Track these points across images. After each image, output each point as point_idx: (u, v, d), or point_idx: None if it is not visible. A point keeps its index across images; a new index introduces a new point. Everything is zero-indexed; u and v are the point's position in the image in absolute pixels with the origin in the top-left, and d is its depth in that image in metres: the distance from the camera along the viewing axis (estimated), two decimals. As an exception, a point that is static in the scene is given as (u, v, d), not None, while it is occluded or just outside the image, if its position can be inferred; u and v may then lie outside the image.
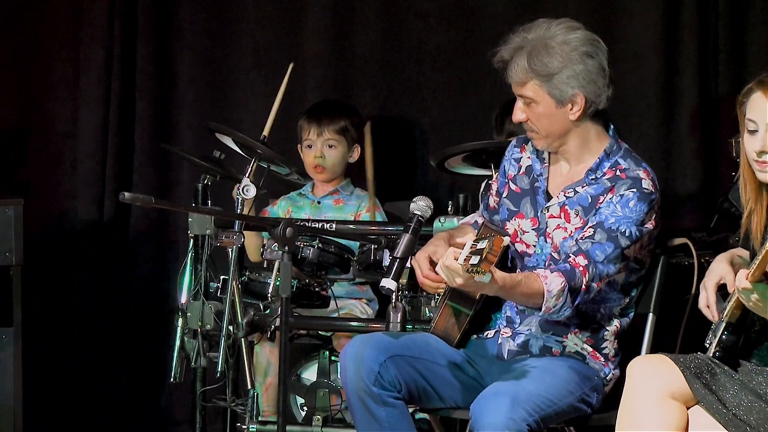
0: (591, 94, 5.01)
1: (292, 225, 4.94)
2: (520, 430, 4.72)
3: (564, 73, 4.98)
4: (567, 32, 5.01)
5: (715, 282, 4.59)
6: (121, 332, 7.35)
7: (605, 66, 5.02)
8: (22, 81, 7.48)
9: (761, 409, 4.50)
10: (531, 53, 4.98)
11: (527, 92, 5.03)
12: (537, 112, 5.05)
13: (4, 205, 6.31)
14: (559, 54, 4.97)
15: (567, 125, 5.06)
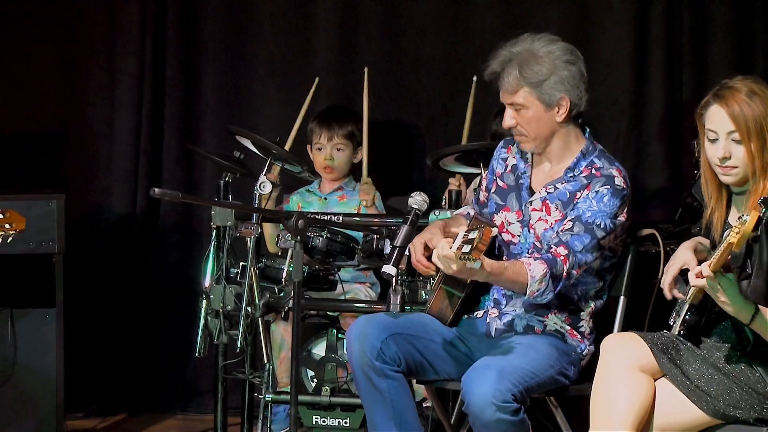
0: (574, 97, 5.03)
1: (303, 217, 4.96)
2: (506, 399, 4.73)
3: (552, 79, 5.00)
4: (549, 44, 5.03)
5: (678, 267, 4.60)
6: (152, 312, 7.36)
7: (584, 72, 5.05)
8: (63, 89, 7.48)
9: (720, 381, 4.51)
10: (521, 64, 5.00)
11: (518, 99, 5.04)
12: (527, 117, 5.05)
13: (47, 199, 6.30)
14: (547, 62, 4.99)
15: (554, 127, 5.07)
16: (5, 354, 6.32)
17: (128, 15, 7.35)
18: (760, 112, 4.47)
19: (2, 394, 6.30)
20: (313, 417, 5.84)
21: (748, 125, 4.47)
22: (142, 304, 7.34)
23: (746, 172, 4.51)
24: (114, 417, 7.21)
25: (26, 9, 7.38)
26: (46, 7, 7.40)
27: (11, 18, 7.38)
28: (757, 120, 4.47)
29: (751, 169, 4.49)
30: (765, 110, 4.47)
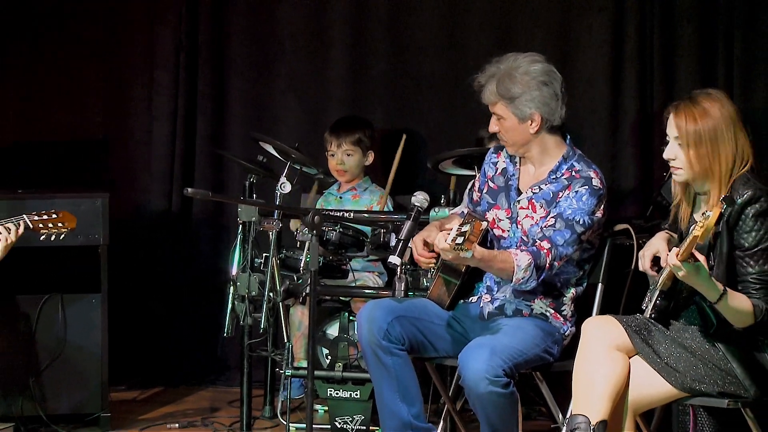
0: (546, 114, 5.03)
1: (319, 213, 4.95)
2: (497, 374, 4.73)
3: (524, 97, 5.01)
4: (529, 64, 5.03)
5: (652, 252, 4.60)
6: (185, 297, 7.34)
7: (558, 92, 5.04)
8: (108, 100, 7.47)
9: (687, 359, 4.51)
10: (499, 80, 5.02)
11: (497, 110, 5.07)
12: (505, 126, 5.07)
13: (94, 198, 6.29)
14: (520, 82, 5.00)
15: (528, 137, 5.07)
16: (56, 334, 6.31)
17: (164, 36, 7.34)
18: (703, 127, 4.47)
19: (54, 369, 6.30)
20: (327, 389, 5.82)
21: (688, 136, 4.49)
22: (176, 289, 7.34)
23: (689, 174, 4.52)
24: (152, 389, 7.20)
25: (76, 31, 7.38)
26: (93, 30, 7.39)
27: (63, 38, 7.37)
28: (697, 133, 4.47)
29: (691, 173, 4.51)
30: (711, 125, 4.47)
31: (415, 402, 5.06)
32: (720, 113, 4.48)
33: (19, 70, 7.41)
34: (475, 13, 7.00)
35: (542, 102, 5.02)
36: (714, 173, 4.48)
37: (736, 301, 4.38)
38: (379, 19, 7.15)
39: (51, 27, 7.37)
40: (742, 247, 4.44)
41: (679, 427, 5.37)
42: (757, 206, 4.42)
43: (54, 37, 7.37)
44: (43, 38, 7.38)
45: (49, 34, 7.38)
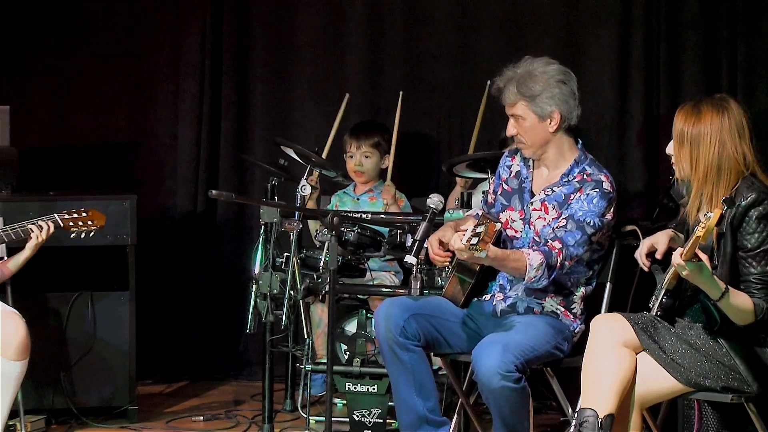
0: (565, 112, 5.02)
1: (337, 215, 4.96)
2: (510, 370, 4.73)
3: (544, 94, 5.01)
4: (545, 65, 5.05)
5: (651, 242, 4.62)
6: (210, 295, 7.35)
7: (575, 91, 5.05)
8: (135, 106, 7.49)
9: (692, 355, 4.51)
10: (519, 81, 5.02)
11: (517, 111, 5.05)
12: (524, 126, 5.06)
13: (122, 199, 6.30)
14: (540, 81, 5.00)
15: (547, 136, 5.06)
16: (86, 330, 6.33)
17: (190, 44, 7.36)
18: (688, 130, 4.49)
19: (84, 363, 6.32)
20: (346, 384, 5.82)
21: (675, 134, 4.52)
22: (201, 288, 7.35)
23: (678, 171, 4.56)
24: (177, 383, 7.22)
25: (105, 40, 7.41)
26: (121, 38, 7.42)
27: (92, 47, 7.39)
28: (682, 133, 4.50)
29: (678, 168, 4.53)
30: (696, 130, 4.48)
31: (430, 396, 5.06)
32: (711, 120, 4.47)
33: (51, 78, 7.43)
34: (486, 22, 7.00)
35: (561, 99, 5.02)
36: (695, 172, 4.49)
37: (738, 300, 4.37)
38: (394, 27, 7.16)
39: (81, 36, 7.40)
40: (745, 248, 4.44)
41: (684, 421, 5.36)
42: (761, 209, 4.41)
43: (84, 45, 7.40)
44: (73, 46, 7.40)
45: (79, 42, 7.40)
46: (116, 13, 7.40)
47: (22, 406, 5.60)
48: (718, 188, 4.46)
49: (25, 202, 6.10)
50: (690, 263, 4.22)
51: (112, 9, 7.40)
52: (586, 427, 4.41)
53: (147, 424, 6.31)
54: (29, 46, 7.39)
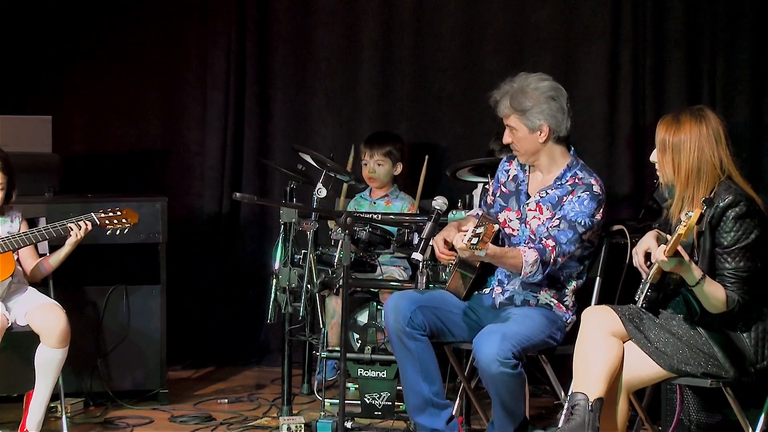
0: (553, 125, 5.03)
1: (350, 215, 4.96)
2: (507, 357, 4.74)
3: (534, 109, 5.01)
4: (538, 82, 5.04)
5: (644, 248, 4.58)
6: (234, 288, 7.36)
7: (564, 106, 5.04)
8: (166, 117, 7.50)
9: (674, 343, 4.51)
10: (512, 96, 5.03)
11: (511, 122, 5.06)
12: (517, 136, 5.07)
13: (154, 201, 6.32)
14: (532, 97, 5.01)
15: (537, 146, 5.07)
16: (121, 320, 6.35)
17: (217, 59, 7.37)
18: (670, 138, 4.49)
19: (119, 351, 6.34)
20: (358, 369, 5.81)
21: (658, 142, 4.52)
22: (226, 282, 7.36)
23: (662, 176, 4.55)
24: (204, 369, 7.22)
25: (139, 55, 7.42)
26: (154, 54, 7.43)
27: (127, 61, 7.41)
28: (664, 141, 4.50)
29: (661, 174, 4.54)
30: (677, 139, 4.48)
31: (435, 381, 5.07)
32: (690, 129, 4.47)
33: (90, 90, 7.45)
34: (489, 39, 7.00)
35: (550, 114, 5.03)
36: (677, 176, 4.49)
37: (712, 288, 4.38)
38: (404, 44, 7.15)
39: (116, 51, 7.41)
40: (722, 245, 4.44)
41: (667, 404, 5.36)
42: (737, 209, 4.42)
43: (120, 60, 7.41)
44: (110, 62, 7.41)
45: (116, 58, 7.41)
46: (149, 31, 7.41)
47: (62, 389, 5.61)
48: (699, 190, 4.47)
49: (65, 204, 6.12)
50: (672, 259, 4.23)
51: (146, 28, 7.41)
52: (577, 409, 4.41)
53: (176, 405, 6.32)
54: (70, 61, 7.40)
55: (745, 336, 4.50)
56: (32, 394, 5.48)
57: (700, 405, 5.24)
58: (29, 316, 5.45)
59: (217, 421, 6.01)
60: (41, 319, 5.42)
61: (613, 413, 4.54)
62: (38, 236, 5.52)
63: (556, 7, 6.86)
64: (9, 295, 5.53)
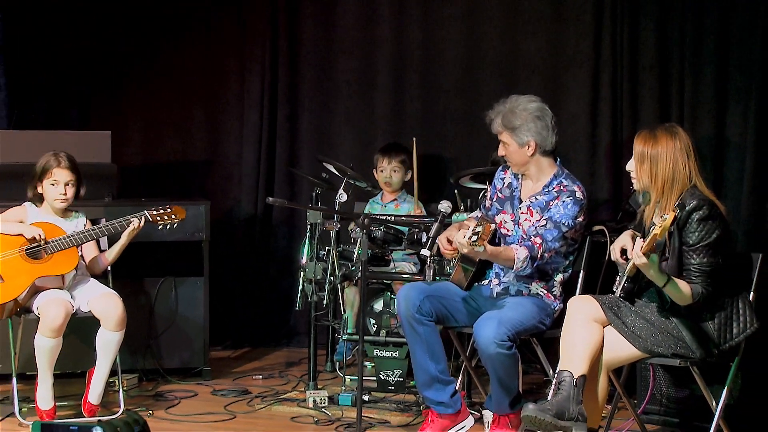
0: (539, 141, 5.02)
1: (368, 217, 4.95)
2: (503, 339, 4.73)
3: (523, 127, 5.01)
4: (527, 103, 5.04)
5: (620, 245, 4.56)
6: (266, 280, 7.34)
7: (549, 124, 5.03)
8: (209, 131, 7.49)
9: (648, 328, 4.50)
10: (504, 115, 5.03)
11: (503, 138, 5.07)
12: (509, 150, 5.07)
13: (198, 204, 6.32)
14: (521, 116, 5.01)
15: (526, 159, 5.05)
16: (170, 307, 6.35)
17: (253, 83, 7.36)
18: (648, 150, 4.47)
19: (168, 334, 6.34)
20: (374, 350, 5.82)
21: (637, 154, 4.50)
22: (260, 274, 7.35)
23: (639, 183, 4.53)
24: (242, 349, 7.21)
25: (185, 78, 7.43)
26: (198, 76, 7.44)
27: (175, 83, 7.42)
28: (643, 153, 4.48)
29: (640, 182, 4.52)
30: (654, 151, 4.46)
31: (440, 360, 5.04)
32: (666, 143, 4.47)
33: (143, 109, 7.45)
34: (487, 65, 6.97)
35: (536, 132, 5.01)
36: (654, 184, 4.47)
37: (679, 286, 4.37)
38: (413, 69, 7.13)
39: (167, 76, 7.42)
40: (687, 244, 4.43)
41: (642, 381, 5.36)
42: (701, 212, 4.41)
43: (169, 83, 7.42)
44: (162, 84, 7.42)
45: (166, 81, 7.42)
46: (195, 58, 7.42)
47: (119, 367, 5.61)
48: (672, 197, 4.46)
49: (122, 207, 6.11)
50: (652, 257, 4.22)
51: (193, 55, 7.41)
52: (563, 384, 4.39)
53: (217, 381, 6.31)
54: (127, 84, 7.41)
55: (710, 322, 4.48)
56: (93, 371, 5.48)
57: (671, 381, 5.23)
58: (91, 303, 5.44)
59: (253, 394, 6.01)
60: (102, 306, 5.42)
61: (594, 388, 4.52)
62: (98, 233, 5.52)
63: (544, 37, 6.83)
64: (73, 286, 5.54)
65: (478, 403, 5.56)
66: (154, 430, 4.96)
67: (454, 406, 5.09)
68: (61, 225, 5.53)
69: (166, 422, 5.49)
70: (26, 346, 5.53)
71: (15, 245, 5.39)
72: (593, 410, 4.52)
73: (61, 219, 5.59)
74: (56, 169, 5.51)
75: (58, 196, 5.52)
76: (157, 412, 5.65)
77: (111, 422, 4.75)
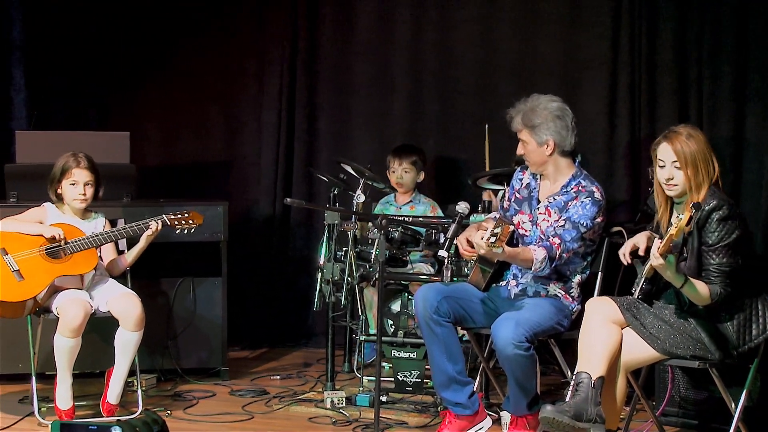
0: (558, 140, 5.00)
1: (385, 218, 4.94)
2: (521, 340, 4.71)
3: (542, 126, 4.99)
4: (548, 102, 5.02)
5: (633, 243, 4.56)
6: (284, 280, 7.35)
7: (569, 124, 5.01)
8: (228, 133, 7.50)
9: (666, 329, 4.48)
10: (524, 114, 5.01)
11: (523, 136, 5.04)
12: (528, 149, 5.05)
13: (217, 205, 6.32)
14: (540, 115, 4.98)
15: (545, 158, 5.03)
16: (188, 308, 6.35)
17: (271, 85, 7.37)
18: (693, 149, 4.46)
19: (186, 334, 6.35)
20: (392, 351, 5.80)
21: (685, 157, 4.46)
22: (277, 275, 7.35)
23: (684, 188, 4.48)
24: (259, 349, 7.21)
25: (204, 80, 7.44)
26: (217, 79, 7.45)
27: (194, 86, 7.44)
28: (692, 154, 4.46)
29: (688, 186, 4.48)
30: (697, 148, 4.46)
31: (458, 361, 5.03)
32: (699, 140, 4.47)
33: (162, 110, 7.48)
34: (504, 67, 6.96)
35: (556, 131, 4.99)
36: (701, 186, 4.45)
37: (697, 287, 4.35)
38: (430, 71, 7.13)
39: (185, 77, 7.44)
40: (707, 244, 4.41)
41: (660, 382, 5.33)
42: (720, 212, 4.39)
43: (187, 84, 7.43)
44: (180, 86, 7.44)
45: (184, 82, 7.44)
46: (214, 59, 7.43)
47: (138, 366, 5.61)
48: (699, 196, 4.43)
49: (140, 208, 6.13)
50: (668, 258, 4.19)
51: (211, 57, 7.43)
52: (581, 386, 4.38)
53: (235, 381, 6.31)
54: (146, 86, 7.43)
55: (729, 324, 4.46)
56: (112, 371, 5.49)
57: (689, 383, 5.20)
58: (110, 303, 5.45)
59: (271, 395, 6.00)
60: (120, 306, 5.42)
61: (612, 390, 4.51)
62: (117, 234, 5.53)
63: (561, 39, 6.82)
64: (92, 286, 5.54)
65: (495, 404, 5.54)
66: (173, 430, 4.96)
67: (472, 407, 5.07)
68: (81, 226, 5.54)
69: (184, 422, 5.49)
70: (45, 346, 5.54)
71: (35, 245, 5.40)
72: (611, 412, 4.50)
73: (81, 220, 5.60)
74: (76, 169, 5.52)
75: (77, 196, 5.53)
76: (175, 412, 5.65)
77: (130, 422, 4.76)
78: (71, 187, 5.53)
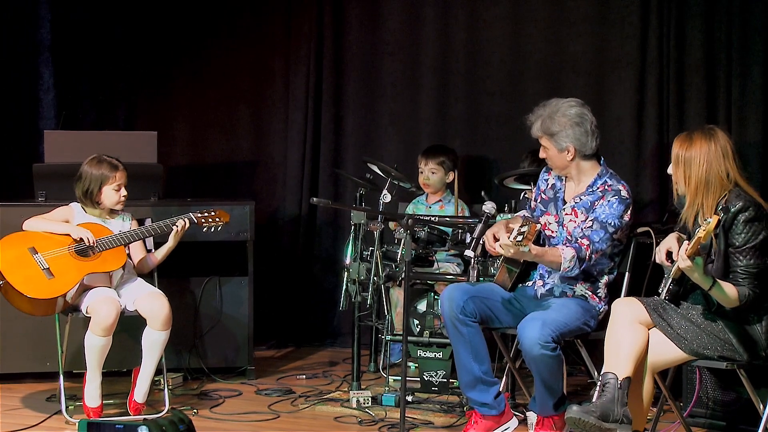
0: (578, 146, 4.98)
1: (412, 217, 4.94)
2: (547, 341, 4.71)
3: (561, 134, 4.97)
4: (567, 109, 5.00)
5: (666, 248, 4.54)
6: (311, 280, 7.37)
7: (589, 129, 4.98)
8: (255, 133, 7.54)
9: (694, 330, 4.46)
10: (543, 121, 5.01)
11: (543, 142, 5.05)
12: (549, 154, 5.05)
13: (243, 205, 6.34)
14: (559, 123, 4.97)
15: (566, 163, 5.03)
16: (215, 307, 6.37)
17: (298, 84, 7.39)
18: (682, 154, 4.46)
19: (213, 333, 6.37)
20: (417, 351, 5.81)
21: (673, 157, 4.48)
22: (303, 274, 7.36)
23: (684, 188, 4.49)
24: (285, 349, 7.23)
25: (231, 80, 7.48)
26: (244, 79, 7.49)
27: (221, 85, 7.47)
28: (677, 156, 4.47)
29: (687, 186, 4.46)
30: (689, 154, 4.44)
31: (484, 361, 5.03)
32: (701, 146, 4.44)
33: (189, 110, 7.52)
34: (531, 68, 6.95)
35: (575, 138, 4.97)
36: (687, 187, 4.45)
37: (725, 289, 4.33)
38: (458, 71, 7.12)
39: (213, 77, 7.48)
40: (734, 246, 4.39)
41: (688, 384, 5.31)
42: (747, 214, 4.38)
43: (215, 84, 7.48)
44: (207, 86, 7.48)
45: (212, 82, 7.48)
46: (241, 60, 7.47)
47: (165, 365, 5.63)
48: (707, 199, 4.43)
49: (168, 207, 6.16)
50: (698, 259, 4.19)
51: (238, 57, 7.47)
52: (608, 387, 4.37)
53: (261, 380, 6.33)
54: (174, 86, 7.48)
55: (757, 325, 4.44)
56: (139, 370, 5.51)
57: (717, 384, 5.18)
58: (138, 302, 5.47)
59: (297, 394, 6.02)
60: (148, 305, 5.44)
61: (639, 391, 4.50)
62: (145, 232, 5.56)
63: (589, 39, 6.80)
64: (120, 285, 5.57)
65: (522, 405, 5.54)
66: (199, 429, 4.98)
67: (498, 408, 5.07)
68: (108, 225, 5.58)
69: (210, 421, 5.51)
70: (73, 344, 5.58)
71: (64, 243, 5.44)
72: (638, 413, 4.49)
73: (108, 219, 5.63)
74: (119, 173, 5.56)
75: (121, 198, 5.58)
76: (201, 411, 5.67)
77: (156, 421, 4.78)
78: (114, 191, 5.56)
